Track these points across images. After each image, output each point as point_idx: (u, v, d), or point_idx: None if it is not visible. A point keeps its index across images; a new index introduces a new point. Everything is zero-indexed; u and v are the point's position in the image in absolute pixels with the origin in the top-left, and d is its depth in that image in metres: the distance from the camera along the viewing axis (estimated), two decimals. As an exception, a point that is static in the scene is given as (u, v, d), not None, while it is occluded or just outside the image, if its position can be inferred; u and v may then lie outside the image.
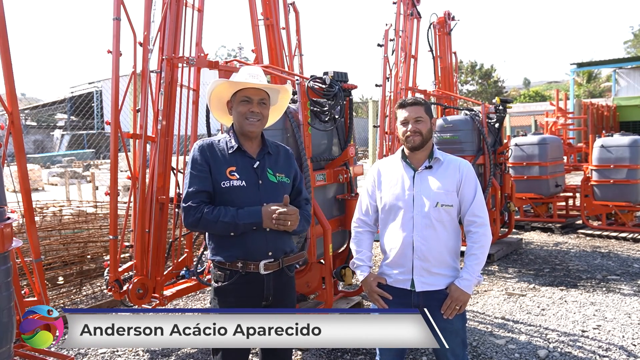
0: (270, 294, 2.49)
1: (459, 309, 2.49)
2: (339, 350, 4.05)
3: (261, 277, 2.45)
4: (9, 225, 2.25)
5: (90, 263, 5.95)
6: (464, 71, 41.58)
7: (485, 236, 2.54)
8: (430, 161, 2.59)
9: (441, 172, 2.57)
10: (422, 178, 2.57)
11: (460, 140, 6.99)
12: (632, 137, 8.12)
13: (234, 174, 2.46)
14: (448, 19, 8.56)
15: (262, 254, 2.45)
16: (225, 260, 2.45)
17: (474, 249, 2.53)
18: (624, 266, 6.46)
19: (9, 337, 2.23)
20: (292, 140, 3.94)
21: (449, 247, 2.54)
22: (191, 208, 2.40)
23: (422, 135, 2.55)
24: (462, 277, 2.51)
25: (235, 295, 2.45)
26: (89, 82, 35.81)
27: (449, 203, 2.52)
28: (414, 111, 2.57)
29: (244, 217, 2.38)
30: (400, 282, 2.56)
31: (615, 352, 4.04)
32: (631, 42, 50.88)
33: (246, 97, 2.49)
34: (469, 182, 2.56)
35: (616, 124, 22.74)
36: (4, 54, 3.50)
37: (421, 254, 2.50)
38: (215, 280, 2.50)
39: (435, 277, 2.52)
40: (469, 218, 2.55)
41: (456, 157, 2.68)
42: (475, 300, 5.33)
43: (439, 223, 2.51)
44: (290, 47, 6.11)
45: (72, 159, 25.47)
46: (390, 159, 2.72)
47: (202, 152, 2.49)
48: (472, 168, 2.64)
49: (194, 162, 2.48)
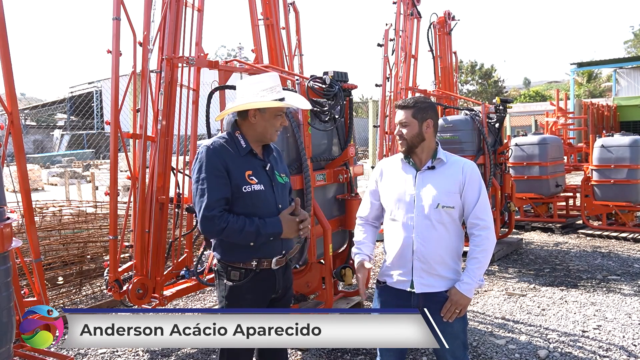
0: (280, 287, 2.59)
1: (459, 313, 2.47)
2: (339, 350, 4.05)
3: (272, 272, 2.53)
4: (8, 225, 2.25)
5: (90, 263, 5.95)
6: (464, 71, 41.58)
7: (489, 240, 2.48)
8: (433, 161, 2.55)
9: (444, 173, 2.53)
10: (423, 178, 2.54)
11: (461, 140, 6.99)
12: (632, 137, 8.11)
13: (253, 178, 2.46)
14: (448, 18, 8.56)
15: (277, 253, 2.54)
16: (240, 260, 2.48)
17: (476, 253, 2.48)
18: (624, 266, 6.46)
19: (8, 337, 2.23)
20: (292, 140, 3.94)
21: (450, 249, 2.51)
22: (215, 217, 2.34)
23: (405, 139, 2.53)
24: (463, 280, 2.47)
25: (252, 292, 2.50)
26: (88, 82, 35.79)
27: (450, 204, 2.48)
28: (400, 115, 2.56)
29: (266, 228, 2.41)
30: (400, 283, 2.54)
31: (615, 352, 4.03)
32: (631, 42, 50.90)
33: (281, 112, 2.56)
34: (472, 183, 2.51)
35: (616, 124, 22.72)
36: (4, 54, 3.50)
37: (421, 255, 2.48)
38: (230, 280, 2.50)
39: (435, 279, 2.50)
40: (472, 220, 2.51)
41: (461, 157, 2.63)
42: (476, 300, 5.33)
43: (440, 224, 2.48)
44: (290, 47, 6.11)
45: (72, 159, 25.46)
46: (394, 159, 2.70)
47: (217, 155, 2.42)
48: (477, 169, 2.58)
49: (212, 165, 2.39)
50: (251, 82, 2.52)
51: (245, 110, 2.50)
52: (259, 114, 2.49)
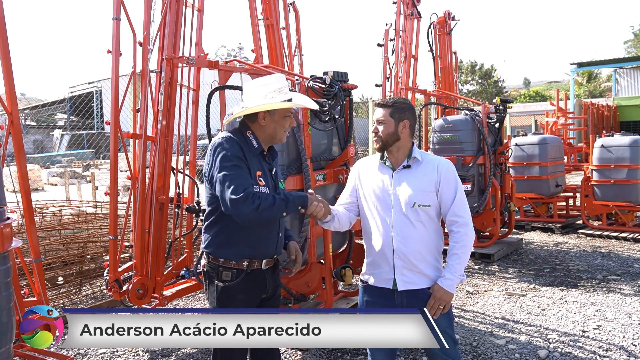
0: (270, 287, 2.62)
1: (443, 309, 2.50)
2: (339, 350, 4.05)
3: (262, 272, 2.56)
4: (8, 225, 2.25)
5: (90, 263, 5.95)
6: (464, 71, 41.52)
7: (467, 236, 2.53)
8: (409, 161, 2.59)
9: (419, 172, 2.57)
10: (399, 178, 2.58)
11: (461, 140, 6.99)
12: (632, 137, 8.11)
13: (261, 180, 2.47)
14: (448, 18, 8.56)
15: (269, 254, 2.57)
16: (232, 258, 2.49)
17: (456, 249, 2.53)
18: (624, 266, 6.46)
19: (8, 337, 2.23)
20: (292, 140, 3.94)
21: (430, 247, 2.56)
22: (249, 195, 2.31)
23: (380, 137, 2.57)
24: (445, 276, 2.51)
25: (243, 292, 2.51)
26: (88, 82, 35.76)
27: (426, 203, 2.52)
28: (378, 113, 2.60)
29: (292, 194, 2.46)
30: (382, 282, 2.59)
31: (615, 352, 4.03)
32: (631, 42, 50.83)
33: (290, 113, 2.57)
34: (448, 182, 2.54)
35: (616, 124, 22.69)
36: (4, 54, 3.50)
37: (401, 253, 2.52)
38: (221, 280, 2.51)
39: (418, 276, 2.53)
40: (451, 218, 2.55)
41: (436, 156, 2.67)
42: (476, 300, 5.33)
43: (419, 223, 2.52)
44: (290, 47, 6.11)
45: (72, 159, 25.44)
46: (371, 159, 2.74)
47: (239, 146, 2.44)
48: (453, 167, 2.62)
49: (235, 154, 2.40)
50: (259, 84, 2.53)
51: (255, 113, 2.51)
52: (268, 115, 2.51)
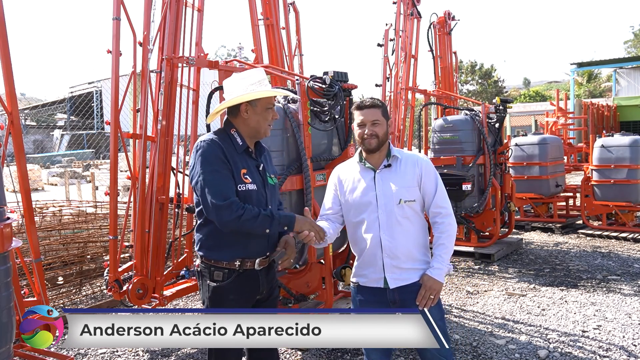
0: (265, 288, 2.58)
1: (433, 299, 2.53)
2: (339, 350, 4.05)
3: (256, 272, 2.52)
4: (8, 225, 2.25)
5: (90, 263, 5.95)
6: (464, 71, 41.48)
7: (451, 225, 2.60)
8: (389, 160, 2.63)
9: (400, 169, 2.62)
10: (382, 177, 2.61)
11: (460, 140, 6.99)
12: (632, 137, 8.11)
13: (247, 177, 2.47)
14: (448, 18, 8.56)
15: (261, 254, 2.53)
16: (224, 259, 2.47)
17: (442, 239, 2.59)
18: (624, 266, 6.46)
19: (8, 337, 2.23)
20: (292, 140, 3.94)
21: (417, 242, 2.60)
22: (233, 204, 2.32)
23: (378, 137, 2.59)
24: (434, 266, 2.57)
25: (235, 293, 2.49)
26: (88, 82, 35.79)
27: (411, 198, 2.57)
28: (371, 114, 2.60)
29: (279, 213, 2.46)
30: (373, 282, 2.62)
31: (615, 352, 4.03)
32: (631, 42, 50.80)
33: (272, 105, 2.55)
34: (428, 175, 2.61)
35: (616, 124, 22.68)
36: (4, 54, 3.50)
37: (390, 252, 2.55)
38: (213, 280, 2.50)
39: (407, 272, 2.57)
40: (434, 210, 2.61)
41: (413, 153, 2.76)
42: (476, 300, 5.33)
43: (405, 219, 2.56)
44: (290, 47, 6.11)
45: (72, 159, 25.47)
46: (349, 163, 2.77)
47: (219, 148, 2.41)
48: (430, 162, 2.70)
49: (216, 157, 2.39)
50: (238, 78, 2.54)
51: (237, 107, 2.50)
52: (250, 108, 2.50)
